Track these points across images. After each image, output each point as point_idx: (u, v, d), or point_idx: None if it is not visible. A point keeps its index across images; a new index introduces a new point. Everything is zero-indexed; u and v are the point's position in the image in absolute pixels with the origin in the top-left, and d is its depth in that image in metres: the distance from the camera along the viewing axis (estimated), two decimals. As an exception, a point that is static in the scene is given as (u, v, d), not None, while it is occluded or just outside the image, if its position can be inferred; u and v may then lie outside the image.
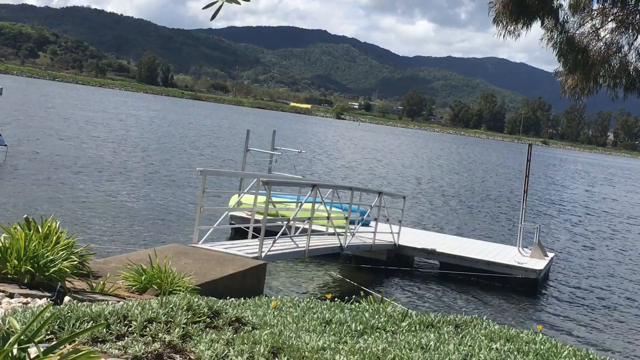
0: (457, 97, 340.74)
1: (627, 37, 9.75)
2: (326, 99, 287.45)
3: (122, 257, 8.12)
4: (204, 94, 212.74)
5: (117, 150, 33.00)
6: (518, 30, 9.54)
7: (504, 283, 14.67)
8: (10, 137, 27.41)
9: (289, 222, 12.12)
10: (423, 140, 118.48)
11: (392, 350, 3.97)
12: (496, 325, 5.14)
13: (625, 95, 10.06)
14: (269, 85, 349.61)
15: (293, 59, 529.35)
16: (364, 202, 16.71)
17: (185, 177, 26.56)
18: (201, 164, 30.57)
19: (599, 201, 42.48)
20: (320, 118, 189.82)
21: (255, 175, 14.10)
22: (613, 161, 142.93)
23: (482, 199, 34.80)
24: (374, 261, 14.68)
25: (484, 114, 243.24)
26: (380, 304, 6.07)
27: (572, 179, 63.24)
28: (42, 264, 5.64)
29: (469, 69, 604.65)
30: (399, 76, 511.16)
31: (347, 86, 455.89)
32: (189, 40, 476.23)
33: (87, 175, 23.36)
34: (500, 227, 24.95)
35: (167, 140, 44.31)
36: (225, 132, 62.91)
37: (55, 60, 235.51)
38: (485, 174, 54.74)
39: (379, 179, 36.87)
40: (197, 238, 10.31)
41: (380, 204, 14.71)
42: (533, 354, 4.35)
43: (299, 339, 3.96)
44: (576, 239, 24.54)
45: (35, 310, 4.07)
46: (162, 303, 4.29)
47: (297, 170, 28.73)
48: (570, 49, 9.70)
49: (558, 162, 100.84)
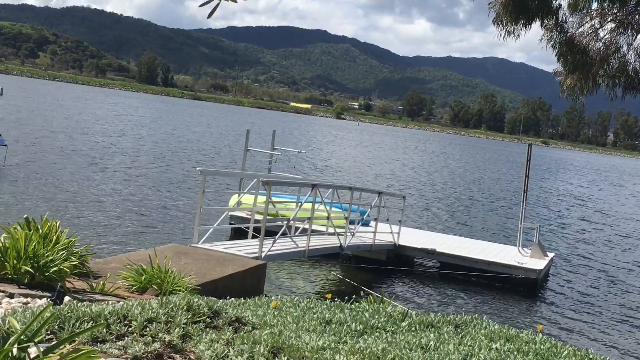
0: (457, 97, 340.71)
1: (626, 38, 9.77)
2: (326, 99, 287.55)
3: (122, 257, 8.12)
4: (204, 94, 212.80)
5: (117, 150, 33.00)
6: (518, 31, 9.56)
7: (504, 283, 14.67)
8: (11, 137, 27.41)
9: (289, 222, 12.11)
10: (423, 140, 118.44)
11: (392, 350, 3.97)
12: (496, 325, 5.14)
13: (624, 95, 10.09)
14: (269, 85, 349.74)
15: (293, 59, 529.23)
16: (364, 202, 16.73)
17: (185, 177, 26.57)
18: (201, 164, 30.58)
19: (599, 201, 42.48)
20: (320, 118, 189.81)
21: (255, 175, 14.10)
22: (613, 161, 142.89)
23: (482, 198, 34.80)
24: (374, 261, 14.68)
25: (484, 114, 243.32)
26: (380, 304, 6.06)
27: (572, 179, 63.24)
28: (42, 264, 5.64)
29: (469, 69, 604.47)
30: (399, 76, 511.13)
31: (347, 86, 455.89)
32: (189, 40, 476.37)
33: (87, 175, 23.37)
34: (500, 227, 24.95)
35: (167, 140, 44.31)
36: (225, 132, 62.89)
37: (55, 60, 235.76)
38: (485, 173, 54.74)
39: (378, 178, 36.87)
40: (197, 238, 10.31)
41: (380, 203, 14.71)
42: (533, 354, 4.35)
43: (299, 339, 3.96)
44: (576, 239, 24.54)
45: (35, 310, 4.08)
46: (162, 303, 4.29)
47: (297, 170, 28.71)
48: (569, 49, 9.72)
49: (558, 162, 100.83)
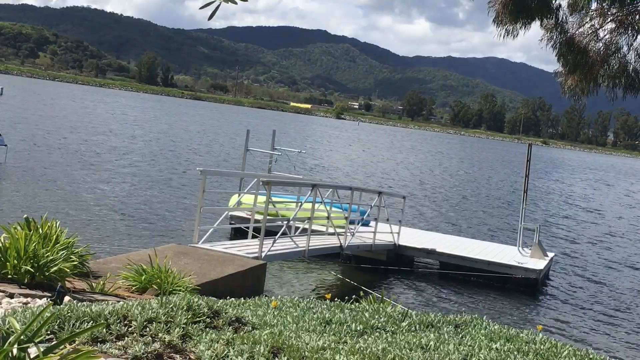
0: (457, 97, 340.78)
1: (626, 38, 9.76)
2: (326, 99, 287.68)
3: (122, 257, 8.12)
4: (204, 94, 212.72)
5: (117, 150, 32.99)
6: (517, 31, 9.54)
7: (504, 283, 14.67)
8: (11, 137, 27.41)
9: (289, 222, 12.11)
10: (423, 140, 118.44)
11: (392, 350, 3.97)
12: (496, 325, 5.14)
13: (624, 95, 10.08)
14: (269, 85, 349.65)
15: (293, 59, 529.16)
16: (364, 202, 16.71)
17: (185, 177, 26.57)
18: (201, 164, 30.57)
19: (599, 201, 42.48)
20: (320, 118, 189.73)
21: (255, 175, 14.10)
22: (613, 161, 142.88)
23: (482, 198, 34.80)
24: (374, 261, 14.68)
25: (484, 114, 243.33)
26: (380, 304, 6.07)
27: (572, 178, 63.23)
28: (42, 264, 5.64)
29: (469, 69, 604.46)
30: (399, 76, 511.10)
31: (347, 86, 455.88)
32: (189, 40, 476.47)
33: (87, 175, 23.37)
34: (500, 227, 24.95)
35: (167, 140, 44.30)
36: (225, 132, 62.89)
37: (55, 60, 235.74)
38: (485, 173, 54.74)
39: (378, 178, 36.87)
40: (197, 238, 10.31)
41: (380, 203, 14.71)
42: (533, 354, 4.35)
43: (299, 339, 3.96)
44: (576, 239, 24.53)
45: (35, 310, 4.08)
46: (162, 303, 4.29)
47: (297, 171, 28.71)
48: (569, 49, 9.71)
49: (558, 161, 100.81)
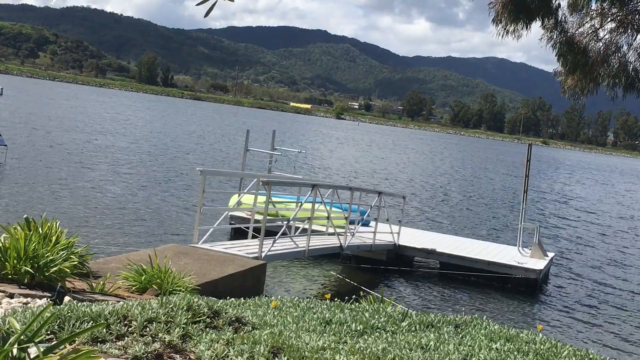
0: (457, 97, 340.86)
1: (626, 37, 9.77)
2: (326, 99, 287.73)
3: (122, 257, 8.12)
4: (204, 94, 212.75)
5: (117, 150, 32.99)
6: (518, 31, 9.55)
7: (504, 283, 14.66)
8: (11, 137, 27.41)
9: (289, 222, 12.11)
10: (423, 140, 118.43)
11: (392, 350, 3.97)
12: (496, 325, 5.13)
13: (624, 94, 10.08)
14: (269, 85, 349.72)
15: (293, 59, 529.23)
16: (364, 202, 16.71)
17: (185, 177, 26.57)
18: (201, 164, 30.57)
19: (599, 201, 42.48)
20: (320, 118, 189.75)
21: (255, 175, 14.10)
22: (613, 161, 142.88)
23: (482, 198, 34.80)
24: (374, 261, 14.68)
25: (484, 114, 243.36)
26: (380, 304, 6.06)
27: (572, 178, 63.23)
28: (42, 264, 5.64)
29: (469, 69, 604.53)
30: (399, 76, 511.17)
31: (347, 86, 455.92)
32: (189, 40, 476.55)
33: (87, 175, 23.37)
34: (500, 227, 24.94)
35: (167, 140, 44.30)
36: (225, 132, 62.88)
37: (55, 60, 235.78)
38: (485, 173, 54.74)
39: (378, 178, 36.87)
40: (197, 238, 10.31)
41: (380, 203, 14.71)
42: (533, 354, 4.35)
43: (299, 339, 3.96)
44: (576, 239, 24.53)
45: (35, 310, 4.08)
46: (162, 303, 4.29)
47: (297, 170, 28.71)
48: (569, 49, 9.71)
49: (558, 162, 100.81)
